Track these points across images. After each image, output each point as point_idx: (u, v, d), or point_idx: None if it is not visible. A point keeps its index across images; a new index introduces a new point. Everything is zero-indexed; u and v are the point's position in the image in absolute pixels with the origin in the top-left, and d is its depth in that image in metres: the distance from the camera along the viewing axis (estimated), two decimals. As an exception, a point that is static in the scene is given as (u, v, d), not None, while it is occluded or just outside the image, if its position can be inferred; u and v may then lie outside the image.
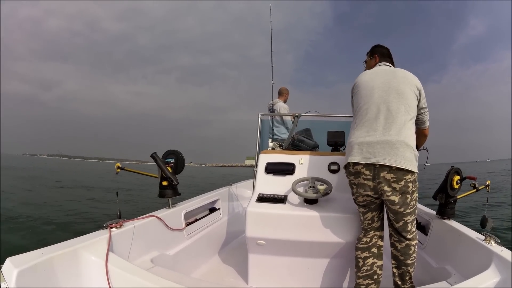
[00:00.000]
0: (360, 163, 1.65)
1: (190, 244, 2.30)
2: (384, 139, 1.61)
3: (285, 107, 4.33)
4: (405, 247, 1.70)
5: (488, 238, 1.66)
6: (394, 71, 1.84)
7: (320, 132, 2.84)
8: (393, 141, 1.59)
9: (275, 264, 2.07)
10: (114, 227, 1.69)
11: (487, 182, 2.29)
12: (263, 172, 2.31)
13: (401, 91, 1.71)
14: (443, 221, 2.11)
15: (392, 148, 1.58)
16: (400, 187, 1.59)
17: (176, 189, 2.27)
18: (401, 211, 1.63)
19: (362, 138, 1.67)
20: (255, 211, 1.99)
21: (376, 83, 1.77)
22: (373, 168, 1.62)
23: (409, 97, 1.71)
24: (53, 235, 4.93)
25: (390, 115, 1.66)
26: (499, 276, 1.41)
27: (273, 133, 4.19)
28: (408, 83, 1.74)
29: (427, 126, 1.89)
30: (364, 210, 1.79)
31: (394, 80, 1.75)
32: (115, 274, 1.37)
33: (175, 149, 2.38)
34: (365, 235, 1.82)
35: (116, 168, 2.18)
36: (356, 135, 1.72)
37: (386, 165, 1.57)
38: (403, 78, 1.76)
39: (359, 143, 1.67)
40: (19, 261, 1.21)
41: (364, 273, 1.76)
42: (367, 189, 1.68)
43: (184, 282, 1.38)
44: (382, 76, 1.79)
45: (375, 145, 1.61)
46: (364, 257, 1.78)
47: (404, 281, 1.74)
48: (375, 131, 1.65)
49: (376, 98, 1.72)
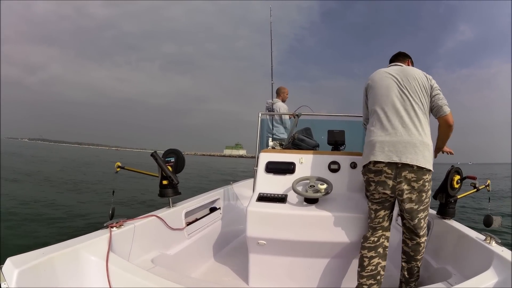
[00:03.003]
0: (382, 162, 1.68)
1: (191, 244, 2.29)
2: (406, 139, 1.67)
3: (284, 107, 4.30)
4: (415, 244, 1.77)
5: (489, 238, 1.66)
6: (404, 70, 1.87)
7: (320, 132, 2.84)
8: (413, 141, 1.66)
9: (276, 264, 2.07)
10: (114, 226, 1.69)
11: (487, 181, 2.29)
12: (264, 171, 2.31)
13: (414, 89, 1.76)
14: (443, 221, 2.11)
15: (413, 147, 1.64)
16: (418, 186, 1.66)
17: (176, 188, 2.27)
18: (415, 208, 1.70)
19: (383, 137, 1.72)
20: (255, 211, 1.98)
21: (390, 82, 1.81)
22: (395, 167, 1.67)
23: (422, 95, 1.76)
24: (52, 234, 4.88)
25: (407, 114, 1.72)
26: (500, 276, 1.41)
27: (272, 133, 4.18)
28: (419, 80, 1.79)
29: (447, 112, 1.77)
30: (378, 208, 1.81)
31: (406, 79, 1.79)
32: (115, 274, 1.37)
33: (175, 148, 2.38)
34: (372, 234, 1.83)
35: (116, 167, 2.17)
36: (377, 134, 1.76)
37: (408, 164, 1.63)
38: (414, 76, 1.80)
39: (380, 141, 1.72)
40: (19, 261, 1.21)
41: (368, 272, 1.76)
42: (386, 187, 1.71)
43: (184, 282, 1.38)
44: (395, 75, 1.83)
45: (397, 144, 1.67)
46: (370, 256, 1.79)
47: (412, 275, 1.79)
48: (395, 130, 1.70)
49: (392, 97, 1.77)
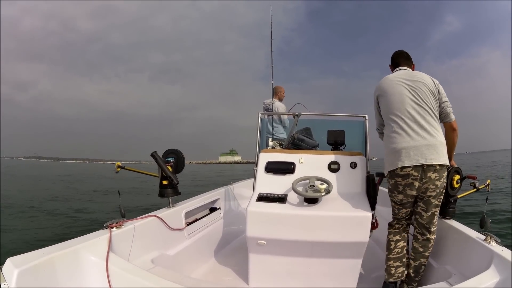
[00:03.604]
0: (409, 166, 1.77)
1: (191, 244, 2.30)
2: (427, 142, 1.78)
3: (282, 106, 4.26)
4: (426, 240, 1.88)
5: (489, 238, 1.66)
6: (413, 75, 1.95)
7: (320, 131, 2.83)
8: (434, 143, 1.79)
9: (276, 264, 2.07)
10: (114, 227, 1.69)
11: (487, 181, 2.29)
12: (263, 171, 2.30)
13: (425, 94, 1.86)
14: (443, 220, 2.11)
15: (434, 149, 1.78)
16: (440, 184, 1.81)
17: (176, 188, 2.27)
18: (433, 201, 1.84)
19: (406, 143, 1.81)
20: (255, 211, 1.98)
21: (402, 89, 1.90)
22: (421, 169, 1.77)
23: (431, 98, 1.87)
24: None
25: (422, 118, 1.82)
26: (500, 276, 1.41)
27: (269, 132, 4.15)
28: (428, 85, 1.89)
29: (453, 119, 1.94)
30: (401, 207, 1.96)
31: (416, 85, 1.89)
32: (115, 274, 1.37)
33: (175, 148, 2.37)
34: (398, 222, 2.02)
35: (117, 167, 2.18)
36: (399, 140, 1.84)
37: (432, 165, 1.76)
38: (424, 82, 1.90)
39: (405, 147, 1.80)
40: (19, 261, 1.21)
41: (395, 255, 1.91)
42: (413, 188, 1.83)
43: (184, 283, 1.38)
44: (405, 82, 1.91)
45: (420, 148, 1.78)
46: (396, 240, 1.95)
47: (418, 273, 1.86)
48: (416, 135, 1.80)
49: (407, 103, 1.86)
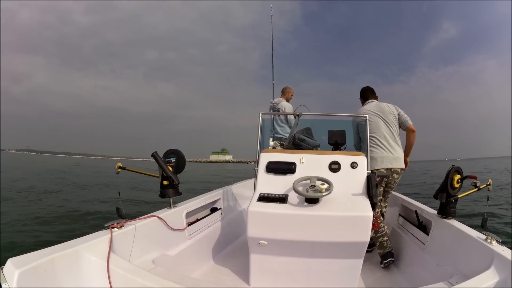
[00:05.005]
0: (383, 168, 2.76)
1: (191, 244, 2.30)
2: (393, 156, 2.77)
3: (289, 106, 4.26)
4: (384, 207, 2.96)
5: (489, 238, 1.66)
6: (381, 106, 2.88)
7: (321, 132, 2.83)
8: (398, 156, 2.80)
9: (277, 264, 2.07)
10: (115, 227, 1.69)
11: (488, 181, 2.28)
12: (264, 172, 2.30)
13: (390, 120, 2.82)
14: (444, 220, 2.10)
15: (397, 160, 2.80)
16: (398, 177, 2.85)
17: (177, 188, 2.26)
18: (392, 188, 2.91)
19: (382, 154, 2.76)
20: (256, 211, 1.98)
21: (376, 119, 2.81)
22: (390, 170, 2.76)
23: (394, 123, 2.85)
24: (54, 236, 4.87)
25: (390, 138, 2.80)
26: (500, 276, 1.41)
27: (276, 132, 4.12)
28: (391, 113, 2.84)
29: (411, 123, 2.86)
30: (381, 190, 2.83)
31: (383, 114, 2.82)
32: (116, 275, 1.37)
33: (176, 149, 2.37)
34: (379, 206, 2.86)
35: (117, 168, 2.17)
36: (378, 152, 2.76)
37: (396, 169, 2.78)
38: (389, 111, 2.85)
39: (381, 157, 2.76)
40: (20, 262, 1.21)
41: (380, 233, 2.62)
42: (385, 179, 2.80)
43: (185, 283, 1.38)
44: (377, 112, 2.83)
45: (389, 158, 2.76)
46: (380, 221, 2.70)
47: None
48: (387, 150, 2.77)
49: (382, 128, 2.79)
